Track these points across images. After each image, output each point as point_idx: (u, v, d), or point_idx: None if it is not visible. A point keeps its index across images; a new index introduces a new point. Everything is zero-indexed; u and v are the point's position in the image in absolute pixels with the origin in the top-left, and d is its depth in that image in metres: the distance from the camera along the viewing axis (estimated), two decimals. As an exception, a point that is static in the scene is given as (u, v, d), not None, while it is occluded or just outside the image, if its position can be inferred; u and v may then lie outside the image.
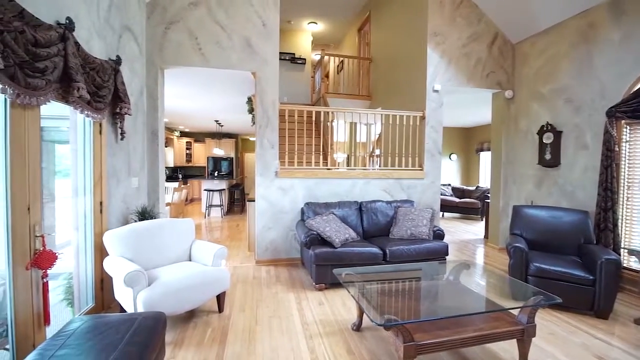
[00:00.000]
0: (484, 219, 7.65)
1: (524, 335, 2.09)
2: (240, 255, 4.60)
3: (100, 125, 2.80)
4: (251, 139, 13.79)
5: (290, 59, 7.85)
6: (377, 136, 6.15)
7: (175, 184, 7.13)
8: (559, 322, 2.78)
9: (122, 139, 3.05)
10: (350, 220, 3.94)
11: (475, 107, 6.56)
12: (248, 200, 4.50)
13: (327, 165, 4.75)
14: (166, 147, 10.28)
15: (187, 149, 11.72)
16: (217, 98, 6.02)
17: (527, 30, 4.67)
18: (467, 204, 7.77)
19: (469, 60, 4.79)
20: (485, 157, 8.92)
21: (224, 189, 8.18)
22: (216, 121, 9.20)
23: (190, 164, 11.84)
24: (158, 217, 3.49)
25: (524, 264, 3.16)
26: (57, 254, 2.12)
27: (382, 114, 4.50)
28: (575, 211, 3.53)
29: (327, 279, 3.30)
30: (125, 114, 2.98)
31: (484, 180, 8.93)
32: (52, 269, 2.11)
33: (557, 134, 4.23)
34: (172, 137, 10.46)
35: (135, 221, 3.15)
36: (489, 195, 7.71)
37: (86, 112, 2.47)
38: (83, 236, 2.74)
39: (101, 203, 2.81)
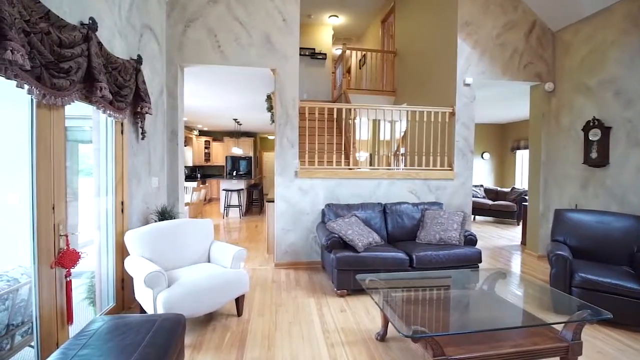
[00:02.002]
0: (520, 224, 7.19)
1: (569, 354, 1.88)
2: (259, 258, 4.54)
3: (122, 124, 2.79)
4: (270, 137, 13.77)
5: (310, 55, 7.70)
6: (402, 134, 5.89)
7: (194, 184, 7.18)
8: (608, 340, 2.48)
9: (142, 138, 3.05)
10: (373, 223, 3.76)
11: (511, 102, 6.13)
12: (267, 201, 4.42)
13: (349, 165, 4.58)
14: (185, 146, 10.39)
15: (205, 148, 11.73)
16: (235, 96, 6.01)
17: (569, 16, 4.26)
18: (501, 206, 7.31)
19: (505, 51, 4.44)
20: (522, 156, 8.38)
21: (242, 189, 8.17)
22: (235, 120, 9.22)
23: (208, 164, 11.87)
24: (177, 217, 3.48)
25: (567, 274, 2.86)
26: (80, 253, 2.12)
27: (408, 110, 4.26)
28: (626, 216, 3.17)
29: (349, 284, 3.15)
30: (146, 113, 2.97)
31: (521, 181, 8.38)
32: (75, 268, 2.11)
33: (606, 130, 3.82)
34: (190, 136, 10.57)
35: (155, 221, 3.14)
36: (526, 197, 7.24)
37: (108, 112, 2.46)
38: (105, 235, 2.76)
39: (122, 203, 2.81)
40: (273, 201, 4.21)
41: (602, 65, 3.90)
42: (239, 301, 2.77)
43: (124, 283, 2.83)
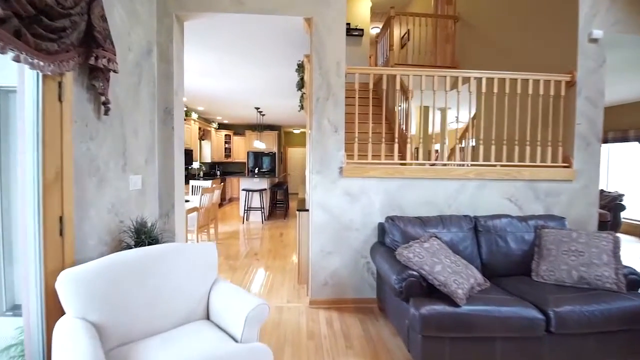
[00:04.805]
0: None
1: None
2: (287, 287, 3.29)
3: (60, 85, 1.64)
4: (295, 131, 12.68)
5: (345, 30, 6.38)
6: (473, 117, 4.49)
7: (207, 183, 6.09)
8: None
9: (106, 113, 1.89)
10: (462, 247, 2.44)
11: (615, 77, 4.57)
12: (298, 210, 3.19)
13: (417, 159, 3.25)
14: (204, 140, 9.43)
15: (226, 142, 10.84)
16: (257, 71, 4.83)
17: None
18: (587, 214, 5.75)
19: (650, -9, 2.99)
20: (609, 150, 6.78)
21: (265, 189, 7.02)
22: (257, 109, 8.10)
23: (229, 160, 10.96)
24: (163, 240, 2.26)
25: None
26: None
27: (507, 78, 2.89)
28: None
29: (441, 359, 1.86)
30: (108, 69, 1.80)
31: (606, 182, 6.77)
32: None
33: None
34: (209, 129, 9.59)
35: (128, 246, 1.98)
36: (621, 203, 5.69)
37: (19, 54, 1.32)
38: (32, 274, 1.62)
39: (61, 218, 1.66)
40: (307, 210, 2.98)
41: None
42: (258, 398, 1.55)
43: (65, 355, 1.67)
